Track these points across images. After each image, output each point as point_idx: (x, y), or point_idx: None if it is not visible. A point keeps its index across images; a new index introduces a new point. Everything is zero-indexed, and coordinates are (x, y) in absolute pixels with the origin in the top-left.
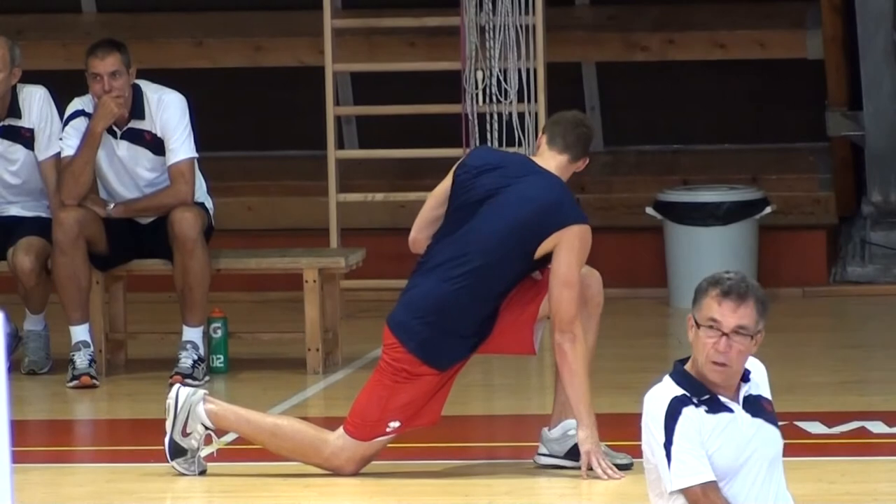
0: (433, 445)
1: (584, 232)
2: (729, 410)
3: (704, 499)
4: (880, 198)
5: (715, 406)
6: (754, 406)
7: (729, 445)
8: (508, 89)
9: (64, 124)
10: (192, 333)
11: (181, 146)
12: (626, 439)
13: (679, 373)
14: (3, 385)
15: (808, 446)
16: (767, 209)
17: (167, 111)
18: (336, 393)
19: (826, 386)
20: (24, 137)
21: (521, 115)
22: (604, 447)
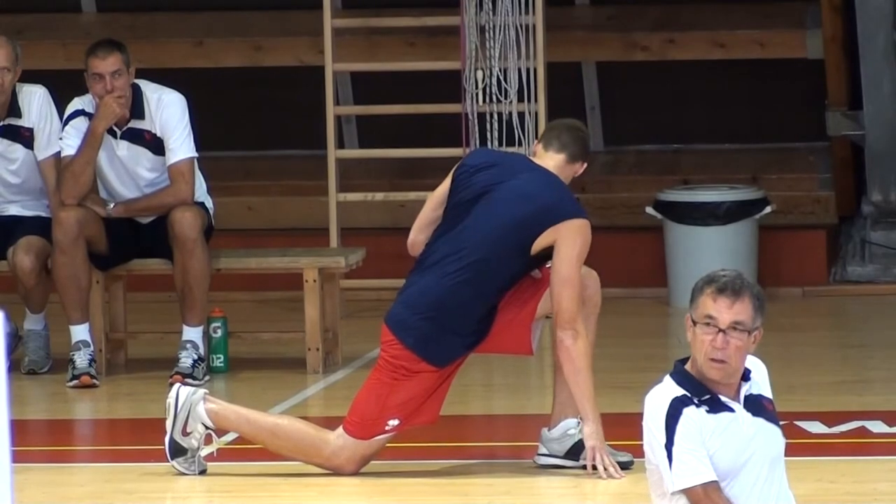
0: (432, 445)
1: (584, 227)
2: (730, 410)
3: (706, 499)
4: (880, 197)
5: (716, 406)
6: (755, 405)
7: (730, 445)
8: (508, 89)
9: (64, 124)
10: (192, 333)
11: (181, 146)
12: (626, 439)
13: (679, 373)
14: (3, 385)
15: (808, 446)
16: (767, 209)
17: (167, 111)
18: (336, 392)
19: (826, 386)
20: (24, 137)
21: (521, 115)
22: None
